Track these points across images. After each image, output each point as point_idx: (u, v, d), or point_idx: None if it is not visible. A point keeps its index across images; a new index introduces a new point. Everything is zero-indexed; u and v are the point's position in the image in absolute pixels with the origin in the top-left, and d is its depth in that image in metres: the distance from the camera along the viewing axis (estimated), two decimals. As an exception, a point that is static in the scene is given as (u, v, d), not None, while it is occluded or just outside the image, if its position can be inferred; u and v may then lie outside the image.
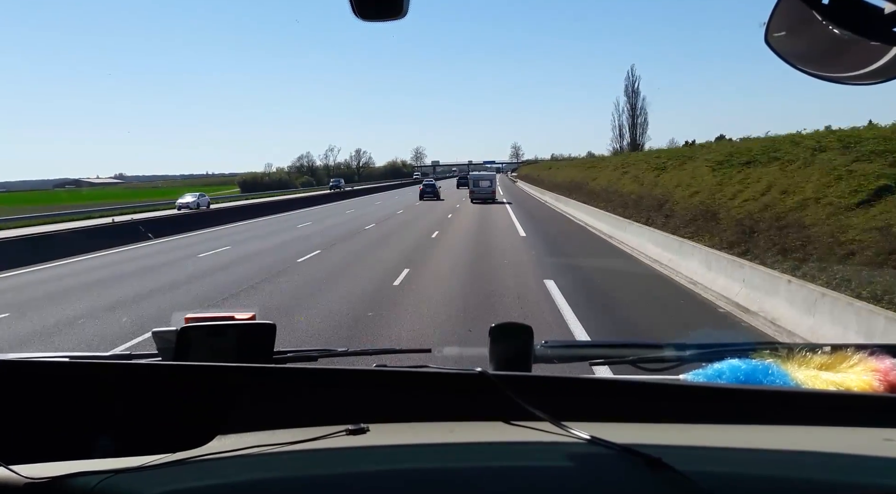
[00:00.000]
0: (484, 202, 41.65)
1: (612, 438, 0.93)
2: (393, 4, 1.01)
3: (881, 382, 1.24)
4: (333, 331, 8.52)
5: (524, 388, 1.05)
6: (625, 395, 1.10)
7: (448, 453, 1.00)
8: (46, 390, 1.04)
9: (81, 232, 24.49)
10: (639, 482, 0.89)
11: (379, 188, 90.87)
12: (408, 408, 1.10)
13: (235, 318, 1.52)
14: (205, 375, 1.09)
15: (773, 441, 0.99)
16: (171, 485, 0.95)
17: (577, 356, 1.74)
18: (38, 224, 32.55)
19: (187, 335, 1.34)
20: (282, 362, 1.48)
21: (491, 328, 1.40)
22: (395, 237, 22.07)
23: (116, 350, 6.76)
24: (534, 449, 0.99)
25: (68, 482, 0.95)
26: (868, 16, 0.86)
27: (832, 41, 0.91)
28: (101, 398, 1.05)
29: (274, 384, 1.11)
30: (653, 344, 1.55)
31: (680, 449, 0.95)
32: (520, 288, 11.41)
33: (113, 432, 1.02)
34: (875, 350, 1.33)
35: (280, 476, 0.96)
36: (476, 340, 7.48)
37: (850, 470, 0.93)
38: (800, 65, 0.99)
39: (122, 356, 1.65)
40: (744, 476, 0.91)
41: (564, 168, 61.93)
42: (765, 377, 1.27)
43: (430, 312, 9.63)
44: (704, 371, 1.34)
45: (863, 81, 0.96)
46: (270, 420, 1.07)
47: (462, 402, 1.09)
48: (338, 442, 1.00)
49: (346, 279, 12.93)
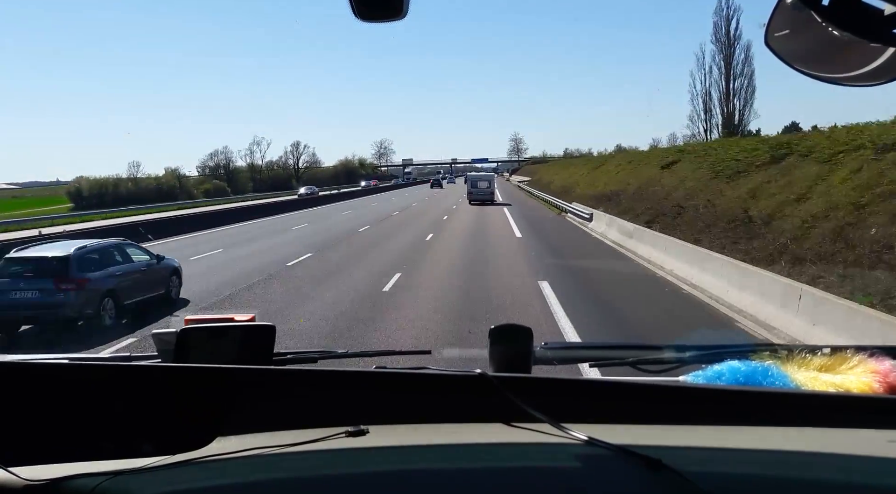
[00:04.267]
0: (482, 204, 41.42)
1: (612, 439, 0.93)
2: (393, 5, 1.01)
3: (881, 383, 1.24)
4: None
5: (524, 390, 1.05)
6: (624, 396, 1.10)
7: (448, 454, 1.00)
8: (46, 391, 1.04)
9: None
10: (639, 483, 0.89)
11: (329, 197, 60.98)
12: (408, 410, 1.10)
13: (235, 319, 1.52)
14: (205, 376, 1.09)
15: (773, 443, 0.99)
16: (171, 487, 0.95)
17: (577, 357, 1.74)
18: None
19: (187, 337, 1.34)
20: (282, 363, 1.48)
21: (490, 330, 1.40)
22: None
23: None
24: (534, 451, 0.99)
25: (68, 483, 0.95)
26: (868, 17, 0.86)
27: (832, 42, 0.91)
28: (100, 400, 1.05)
29: (274, 385, 1.11)
30: (652, 346, 1.55)
31: (680, 450, 0.95)
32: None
33: (112, 433, 1.02)
34: (875, 352, 1.33)
35: (280, 478, 0.96)
36: (476, 341, 7.48)
37: (850, 471, 0.93)
38: (799, 66, 0.99)
39: (121, 357, 1.65)
40: (744, 476, 0.91)
41: (605, 167, 41.28)
42: (764, 378, 1.27)
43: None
44: (704, 373, 1.34)
45: (862, 82, 0.96)
46: (270, 422, 1.07)
47: (462, 404, 1.09)
48: (338, 444, 1.00)
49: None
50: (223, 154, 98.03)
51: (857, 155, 13.06)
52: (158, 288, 11.48)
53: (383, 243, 21.46)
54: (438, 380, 1.13)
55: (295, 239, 23.54)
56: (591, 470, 0.93)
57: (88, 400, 1.04)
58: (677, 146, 38.95)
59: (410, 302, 11.08)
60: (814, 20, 0.90)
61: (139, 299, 10.82)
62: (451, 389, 1.11)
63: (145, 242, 14.72)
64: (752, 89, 43.05)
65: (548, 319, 9.44)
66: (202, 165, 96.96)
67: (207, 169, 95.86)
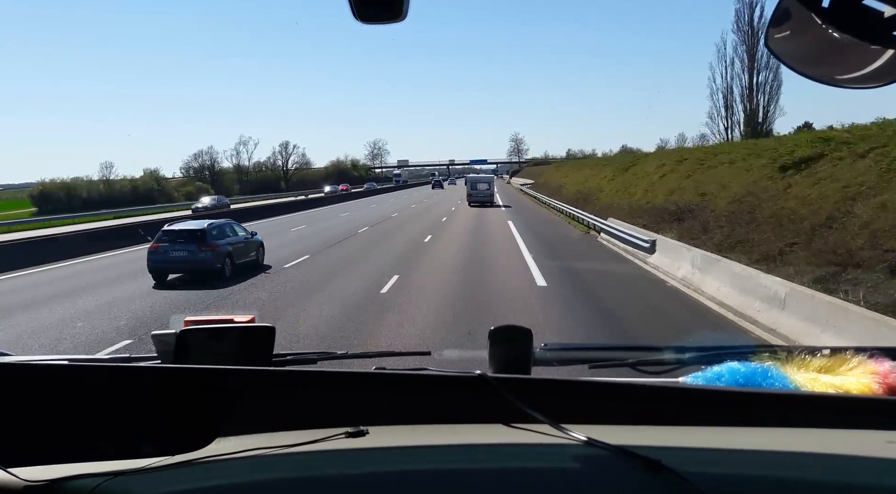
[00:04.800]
0: (482, 205, 41.72)
1: (612, 440, 0.93)
2: (393, 7, 1.02)
3: (880, 384, 1.25)
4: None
5: (524, 391, 1.05)
6: (624, 398, 1.10)
7: (447, 455, 1.00)
8: (45, 392, 1.04)
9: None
10: (638, 484, 0.89)
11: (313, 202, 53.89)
12: (407, 411, 1.10)
13: (235, 321, 1.52)
14: (204, 377, 1.09)
15: (773, 443, 0.99)
16: (171, 487, 0.95)
17: (577, 358, 1.74)
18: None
19: (186, 338, 1.34)
20: (281, 364, 1.49)
21: (490, 331, 1.40)
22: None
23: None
24: (533, 452, 0.99)
25: (67, 484, 0.94)
26: (868, 19, 0.86)
27: (832, 44, 0.91)
28: (100, 401, 1.05)
29: (273, 386, 1.11)
30: (652, 347, 1.56)
31: (679, 451, 0.95)
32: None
33: (112, 434, 1.02)
34: (874, 353, 1.33)
35: (280, 478, 0.96)
36: (476, 343, 7.44)
37: (850, 472, 0.93)
38: (799, 67, 1.00)
39: (121, 358, 1.65)
40: (743, 477, 0.91)
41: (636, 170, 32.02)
42: (764, 379, 1.27)
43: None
44: (703, 374, 1.34)
45: (862, 83, 0.96)
46: (270, 423, 1.07)
47: (461, 405, 1.09)
48: (337, 445, 1.00)
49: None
50: (208, 155, 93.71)
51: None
52: (252, 255, 16.15)
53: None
54: (438, 381, 1.13)
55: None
56: (591, 471, 0.93)
57: (88, 401, 1.04)
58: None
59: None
60: (814, 22, 0.90)
61: (243, 261, 15.47)
62: (450, 390, 1.11)
63: (144, 242, 14.96)
64: (778, 84, 37.97)
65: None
66: (185, 167, 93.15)
67: (192, 170, 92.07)
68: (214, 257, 14.37)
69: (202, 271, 14.32)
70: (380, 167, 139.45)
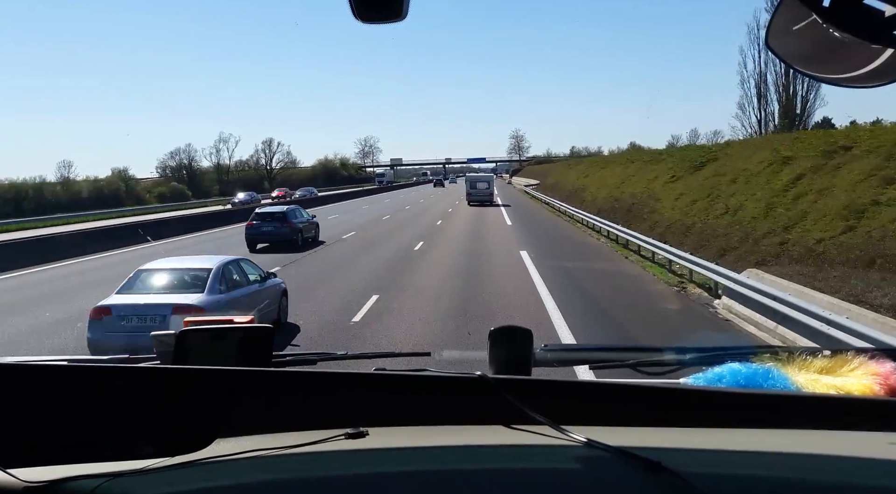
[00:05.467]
0: (481, 204, 41.91)
1: (612, 441, 0.93)
2: (393, 6, 1.01)
3: (881, 386, 1.24)
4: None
5: (524, 392, 1.04)
6: (624, 399, 1.10)
7: (447, 456, 1.00)
8: (45, 393, 1.04)
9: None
10: (638, 485, 0.89)
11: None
12: (407, 412, 1.10)
13: (234, 322, 1.52)
14: (204, 378, 1.09)
15: (774, 445, 0.99)
16: (170, 488, 0.94)
17: (577, 359, 1.74)
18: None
19: (186, 339, 1.34)
20: (281, 365, 1.48)
21: (491, 332, 1.40)
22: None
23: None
24: (533, 453, 0.99)
25: (67, 485, 0.94)
26: (868, 18, 0.86)
27: (833, 43, 0.91)
28: (99, 402, 1.05)
29: (273, 387, 1.11)
30: (653, 348, 1.55)
31: (679, 453, 0.94)
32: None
33: (112, 435, 1.02)
34: (875, 354, 1.33)
35: (280, 479, 0.96)
36: (476, 343, 7.43)
37: (851, 473, 0.93)
38: (800, 67, 1.00)
39: (121, 359, 1.65)
40: (744, 478, 0.91)
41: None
42: (765, 380, 1.26)
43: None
44: (704, 375, 1.33)
45: (863, 83, 0.96)
46: (270, 424, 1.07)
47: (461, 406, 1.09)
48: (337, 446, 1.00)
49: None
50: (185, 153, 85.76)
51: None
52: (313, 232, 23.64)
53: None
54: (438, 382, 1.13)
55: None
56: (591, 472, 0.93)
57: (88, 401, 1.04)
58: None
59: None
60: (815, 21, 0.90)
61: (307, 236, 22.64)
62: (450, 391, 1.11)
63: (145, 243, 15.15)
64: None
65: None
66: (161, 166, 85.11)
67: (168, 169, 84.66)
68: (291, 231, 21.40)
69: (283, 240, 21.04)
70: (371, 166, 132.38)
